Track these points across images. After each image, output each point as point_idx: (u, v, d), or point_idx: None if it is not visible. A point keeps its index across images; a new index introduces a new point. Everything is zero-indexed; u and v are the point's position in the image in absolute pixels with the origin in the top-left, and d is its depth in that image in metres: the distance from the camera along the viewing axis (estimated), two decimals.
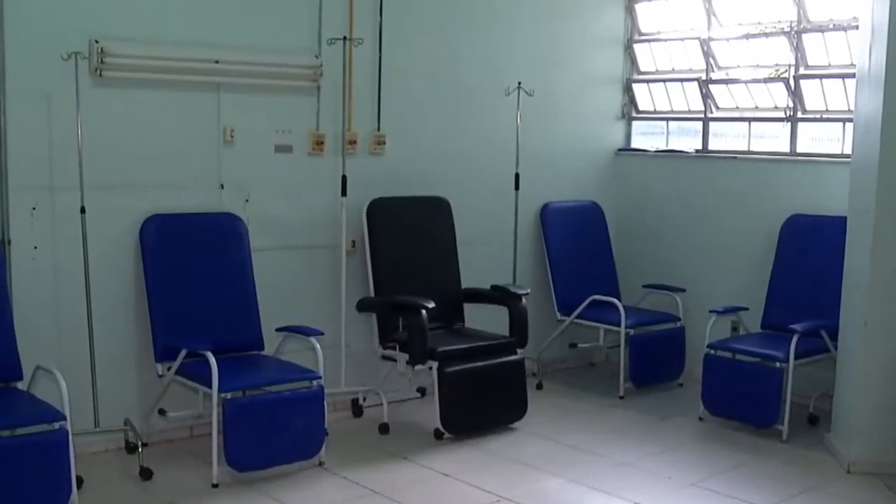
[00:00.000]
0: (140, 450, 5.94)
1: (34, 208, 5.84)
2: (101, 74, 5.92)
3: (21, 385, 5.47)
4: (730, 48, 8.28)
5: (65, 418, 5.00)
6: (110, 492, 5.61)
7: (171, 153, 6.34)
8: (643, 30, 8.85)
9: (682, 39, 8.59)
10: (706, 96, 8.40)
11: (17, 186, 5.76)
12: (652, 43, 8.81)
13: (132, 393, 6.30)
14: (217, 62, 6.35)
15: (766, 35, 8.02)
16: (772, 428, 6.68)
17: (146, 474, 5.79)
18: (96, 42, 5.88)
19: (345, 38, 6.87)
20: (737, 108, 8.33)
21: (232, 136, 6.52)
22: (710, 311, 7.21)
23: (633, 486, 5.89)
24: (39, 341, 5.80)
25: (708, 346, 7.02)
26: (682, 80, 8.62)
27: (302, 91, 6.81)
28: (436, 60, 7.55)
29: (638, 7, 8.79)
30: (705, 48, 8.34)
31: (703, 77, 8.40)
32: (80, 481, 5.32)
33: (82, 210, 5.87)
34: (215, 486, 5.67)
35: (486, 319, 7.29)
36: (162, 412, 6.26)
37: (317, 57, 6.79)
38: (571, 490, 5.82)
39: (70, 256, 5.94)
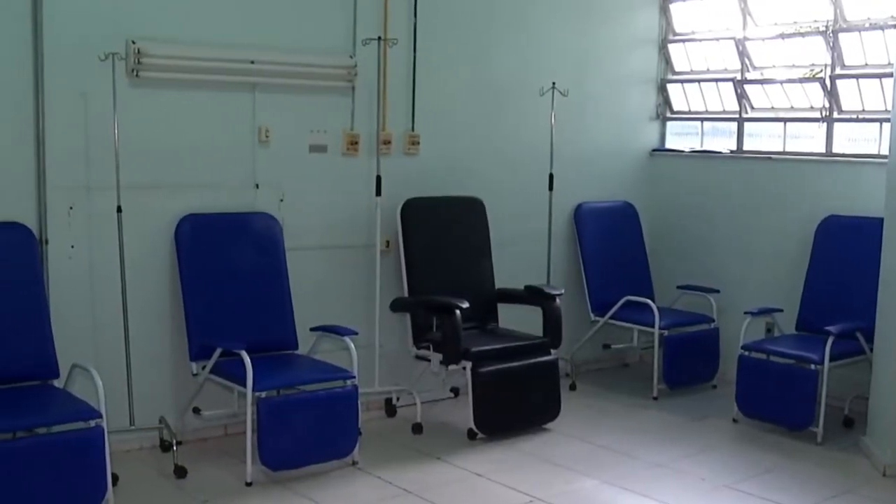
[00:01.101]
0: (174, 448, 5.97)
1: (71, 208, 5.89)
2: (137, 75, 5.96)
3: (57, 383, 5.51)
4: (765, 48, 8.24)
5: (101, 416, 5.03)
6: (145, 489, 5.64)
7: (207, 153, 6.37)
8: (678, 30, 8.82)
9: (716, 39, 8.55)
10: (741, 96, 8.36)
11: (54, 186, 5.80)
12: (686, 43, 8.77)
13: (167, 391, 6.33)
14: (252, 62, 6.37)
15: (802, 34, 7.98)
16: (806, 430, 6.64)
17: (180, 472, 5.82)
18: (133, 43, 5.91)
19: (379, 38, 6.89)
20: (772, 108, 8.28)
21: (267, 136, 6.55)
22: (745, 313, 7.17)
23: (667, 488, 5.88)
24: (76, 340, 5.84)
25: (742, 348, 6.99)
26: (716, 81, 8.58)
27: (337, 91, 6.83)
28: (470, 60, 7.55)
29: (672, 7, 8.76)
30: (740, 48, 8.30)
31: (738, 77, 8.35)
32: (115, 479, 5.35)
33: (119, 209, 5.91)
34: (249, 484, 5.70)
35: (520, 319, 7.29)
36: (196, 411, 6.29)
37: (351, 57, 6.80)
38: (605, 491, 5.81)
39: (106, 256, 5.98)
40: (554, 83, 7.80)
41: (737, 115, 8.46)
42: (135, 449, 6.19)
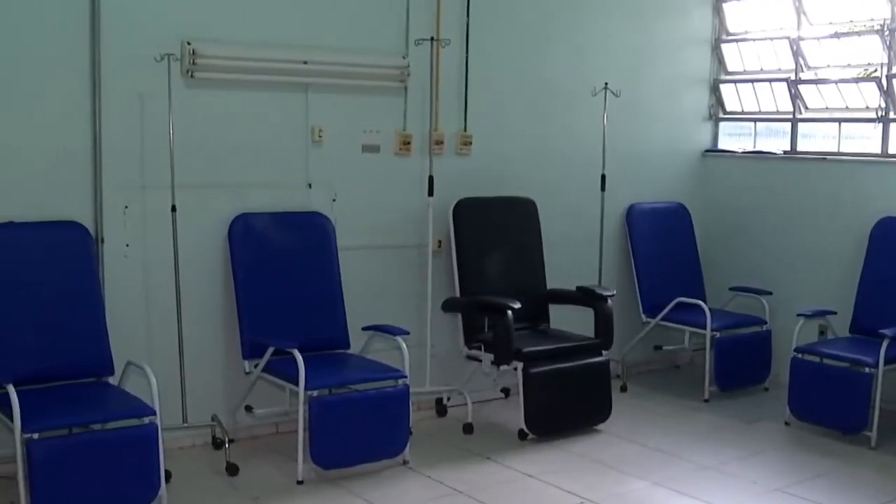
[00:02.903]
0: (227, 446, 6.02)
1: (126, 207, 5.94)
2: (192, 75, 6.01)
3: (112, 380, 5.57)
4: (820, 47, 8.17)
5: (155, 413, 5.08)
6: (197, 486, 5.68)
7: (260, 153, 6.41)
8: (731, 29, 8.77)
9: (770, 39, 8.49)
10: (795, 97, 8.29)
11: (110, 185, 5.86)
12: (740, 43, 8.72)
13: (219, 389, 6.38)
14: (306, 63, 6.40)
15: (858, 33, 7.90)
16: (860, 434, 6.59)
17: (232, 470, 5.87)
18: (188, 44, 5.96)
19: (432, 38, 6.90)
20: (826, 108, 8.21)
21: (320, 136, 6.57)
22: (798, 315, 7.12)
23: (718, 491, 5.85)
24: (130, 337, 5.90)
25: (795, 350, 6.94)
26: (770, 81, 8.52)
27: (389, 91, 6.85)
28: (522, 61, 7.54)
29: (726, 6, 8.71)
30: (794, 48, 8.23)
31: (792, 77, 8.29)
32: (168, 475, 5.38)
33: (173, 209, 5.97)
34: (300, 482, 5.72)
35: (571, 320, 7.28)
36: (248, 409, 6.33)
37: (404, 57, 6.82)
38: (656, 493, 5.79)
39: (161, 254, 6.03)
40: (606, 83, 7.77)
41: (790, 116, 8.39)
42: (187, 446, 6.24)
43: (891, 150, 7.69)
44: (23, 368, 5.22)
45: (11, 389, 4.76)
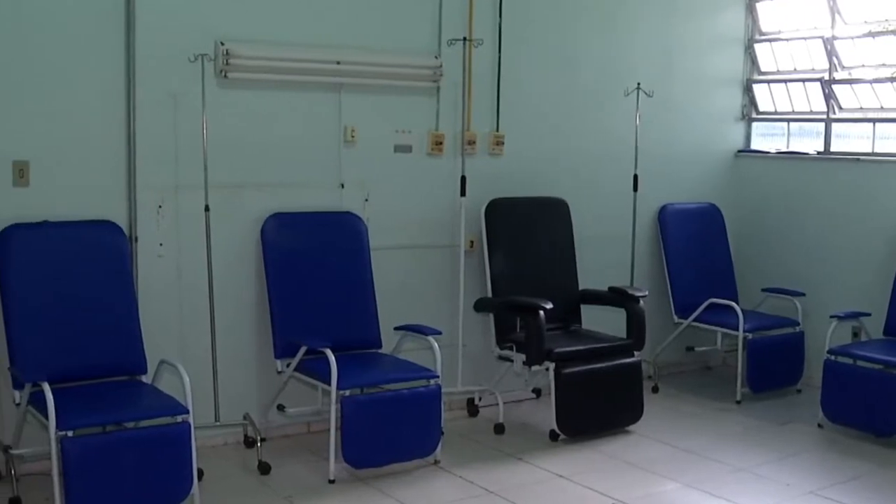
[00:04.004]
0: (258, 444, 6.04)
1: (160, 206, 5.97)
2: (225, 76, 6.03)
3: (145, 378, 5.59)
4: (854, 47, 8.12)
5: (188, 412, 5.09)
6: (229, 485, 5.70)
7: (293, 153, 6.43)
8: (764, 29, 8.73)
9: (804, 38, 8.45)
10: (829, 97, 8.25)
11: (144, 185, 5.90)
12: (773, 42, 8.68)
13: (252, 388, 6.40)
14: (338, 63, 6.42)
15: (893, 33, 7.83)
16: (894, 437, 6.55)
17: (264, 469, 5.88)
18: (222, 44, 5.99)
19: (464, 38, 6.90)
20: (861, 108, 8.16)
21: (353, 136, 6.59)
22: (832, 316, 7.08)
23: (751, 493, 5.82)
24: (163, 336, 5.94)
25: (828, 352, 6.90)
26: (803, 81, 8.48)
27: (422, 91, 6.86)
28: (555, 61, 7.53)
29: (759, 6, 8.67)
30: (828, 47, 8.19)
31: (826, 77, 8.24)
32: (200, 474, 5.39)
33: (206, 208, 6.00)
34: (332, 482, 5.73)
35: (603, 320, 7.27)
36: (281, 408, 6.35)
37: (437, 58, 6.82)
38: (688, 495, 5.77)
39: (194, 254, 6.07)
40: (639, 83, 7.76)
41: (824, 116, 8.34)
42: (220, 445, 6.27)
43: None
44: (57, 366, 5.24)
45: (46, 387, 4.78)
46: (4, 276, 5.37)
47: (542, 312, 6.47)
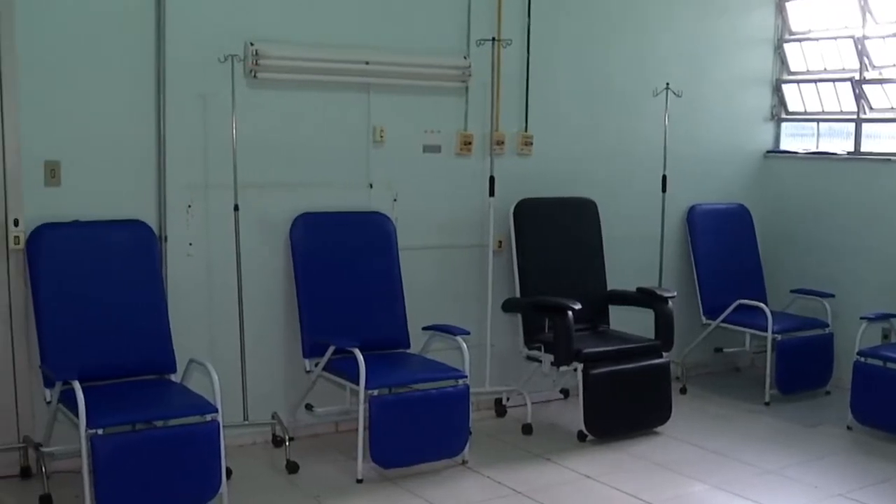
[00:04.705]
0: (287, 444, 6.04)
1: (190, 206, 6.00)
2: (255, 76, 6.05)
3: (174, 377, 5.62)
4: (885, 46, 8.07)
5: (217, 411, 5.11)
6: (258, 484, 5.72)
7: (322, 153, 6.45)
8: (794, 29, 8.69)
9: (834, 38, 8.41)
10: (859, 97, 8.21)
11: (173, 185, 5.92)
12: (803, 42, 8.64)
13: (280, 388, 6.42)
14: (367, 63, 6.43)
15: None
16: None
17: (292, 468, 5.90)
18: (251, 44, 6.01)
19: (493, 38, 6.89)
20: (891, 108, 8.11)
21: (381, 137, 6.60)
22: (861, 318, 7.04)
23: (779, 495, 5.81)
24: (192, 335, 5.96)
25: (858, 354, 6.86)
26: (833, 81, 8.44)
27: (450, 92, 6.86)
28: (584, 61, 7.52)
29: (789, 5, 8.63)
30: (859, 47, 8.14)
31: (857, 77, 8.20)
32: (228, 473, 5.42)
33: (236, 208, 6.02)
34: (360, 481, 5.75)
35: (631, 321, 7.27)
36: (309, 407, 6.36)
37: (465, 58, 6.83)
38: (715, 496, 5.75)
39: (223, 253, 6.09)
40: (668, 84, 7.74)
41: (854, 116, 8.30)
42: (248, 444, 6.30)
43: None
44: (88, 365, 5.26)
45: (77, 386, 4.81)
46: (36, 276, 5.41)
47: (570, 313, 6.46)
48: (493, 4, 6.96)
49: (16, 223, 5.46)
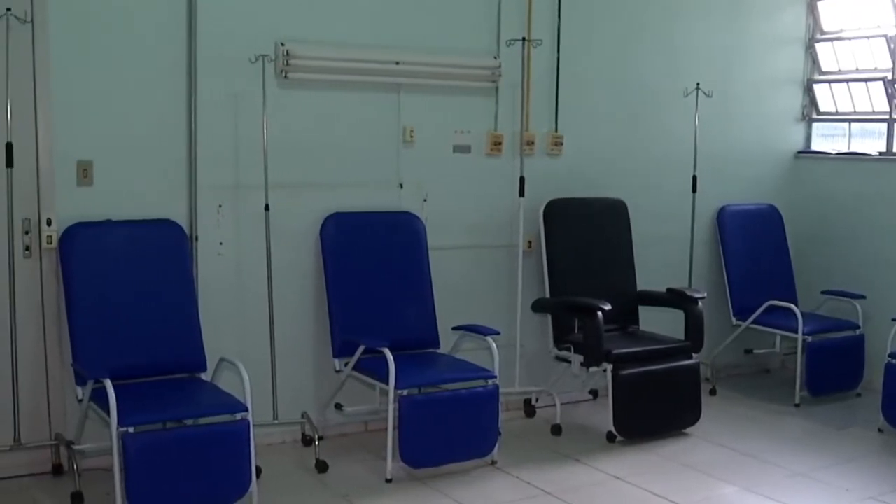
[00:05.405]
0: (316, 443, 6.07)
1: (220, 206, 6.03)
2: (286, 76, 6.07)
3: (205, 376, 5.65)
4: None
5: (247, 409, 5.13)
6: (287, 483, 5.74)
7: (352, 153, 6.46)
8: (825, 28, 8.65)
9: (866, 38, 8.36)
10: (892, 96, 8.15)
11: (204, 185, 5.95)
12: (835, 42, 8.59)
13: (310, 387, 6.44)
14: (398, 63, 6.44)
15: None
16: None
17: (322, 467, 5.91)
18: (282, 45, 6.03)
19: (523, 39, 6.89)
20: None
21: (412, 137, 6.61)
22: (893, 319, 6.98)
23: (809, 498, 5.78)
24: (223, 334, 5.98)
25: (889, 356, 6.81)
26: (866, 80, 8.40)
27: (480, 92, 6.86)
28: (613, 61, 7.51)
29: (820, 5, 8.59)
30: (892, 46, 8.09)
31: (889, 76, 8.15)
32: (258, 471, 5.43)
33: (266, 208, 6.03)
34: (389, 481, 5.75)
35: (660, 322, 7.25)
36: (338, 406, 6.37)
37: (495, 58, 6.83)
38: (745, 498, 5.73)
39: (253, 252, 6.11)
40: (698, 84, 7.71)
41: (887, 116, 8.25)
42: (277, 443, 6.31)
43: None
44: (119, 364, 5.31)
45: (108, 384, 4.84)
46: (68, 274, 5.45)
47: (600, 313, 6.45)
48: (524, 4, 6.96)
49: (48, 222, 5.51)
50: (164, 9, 5.78)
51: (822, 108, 8.75)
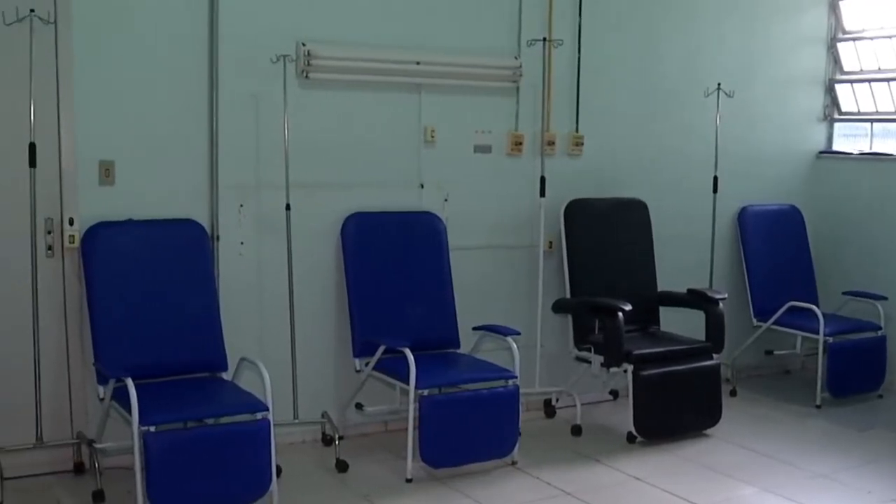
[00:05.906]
0: (337, 442, 6.08)
1: (242, 205, 6.04)
2: (307, 76, 6.08)
3: (226, 376, 5.67)
4: None
5: (267, 409, 5.14)
6: (307, 482, 5.75)
7: (373, 153, 6.47)
8: (847, 28, 8.61)
9: (889, 37, 8.32)
10: None
11: (226, 184, 5.97)
12: (857, 41, 8.56)
13: (330, 387, 6.45)
14: (418, 63, 6.44)
15: None
16: None
17: (342, 466, 5.92)
18: (303, 45, 6.05)
19: (544, 39, 6.89)
20: None
21: (432, 137, 6.62)
22: None
23: (831, 499, 5.76)
24: (244, 334, 6.00)
25: None
26: (888, 80, 8.36)
27: (501, 92, 6.86)
28: (635, 61, 7.50)
29: (842, 4, 8.55)
30: None
31: None
32: (279, 471, 5.44)
33: (287, 207, 6.04)
34: (409, 480, 5.76)
35: (681, 322, 7.24)
36: (359, 406, 6.38)
37: (516, 58, 6.83)
38: (766, 500, 5.71)
39: (274, 252, 6.12)
40: (719, 84, 7.69)
41: None
42: (298, 442, 6.32)
43: None
44: (141, 363, 5.34)
45: (130, 383, 4.86)
46: (90, 274, 5.47)
47: (620, 314, 6.44)
48: (545, 4, 6.95)
49: (71, 222, 5.53)
50: (185, 10, 5.80)
51: (844, 108, 8.72)
